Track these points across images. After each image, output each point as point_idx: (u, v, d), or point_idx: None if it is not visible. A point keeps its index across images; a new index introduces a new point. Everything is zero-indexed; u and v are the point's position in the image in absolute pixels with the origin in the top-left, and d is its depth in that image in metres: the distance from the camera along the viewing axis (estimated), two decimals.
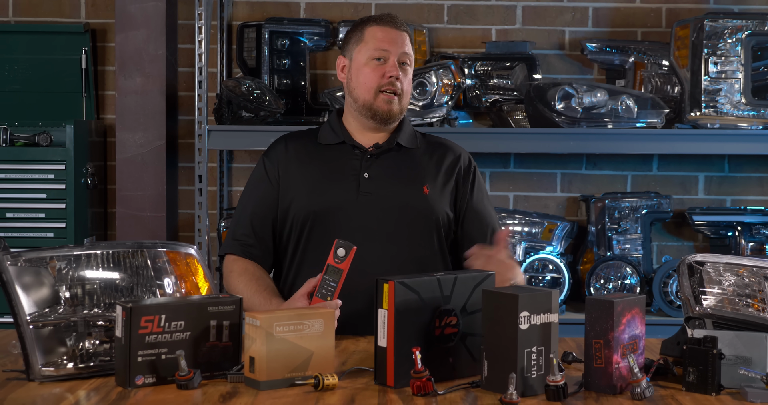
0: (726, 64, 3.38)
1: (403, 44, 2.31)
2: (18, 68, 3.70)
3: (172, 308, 1.67)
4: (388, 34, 2.30)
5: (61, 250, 1.75)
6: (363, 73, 2.30)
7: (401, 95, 2.30)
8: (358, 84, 2.31)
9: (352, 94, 2.33)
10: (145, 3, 3.46)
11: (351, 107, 2.35)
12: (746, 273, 1.79)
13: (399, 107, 2.31)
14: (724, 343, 1.66)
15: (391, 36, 2.30)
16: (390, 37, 2.30)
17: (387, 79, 2.28)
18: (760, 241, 3.52)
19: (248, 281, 2.26)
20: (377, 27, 2.32)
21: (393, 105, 2.29)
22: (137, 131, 3.50)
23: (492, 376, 1.63)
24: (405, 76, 2.31)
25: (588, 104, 3.38)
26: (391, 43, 2.30)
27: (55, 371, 1.69)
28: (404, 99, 2.32)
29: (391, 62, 2.29)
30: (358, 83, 2.31)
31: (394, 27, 2.32)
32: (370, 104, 2.30)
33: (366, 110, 2.31)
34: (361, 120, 2.33)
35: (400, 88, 2.29)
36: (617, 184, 3.76)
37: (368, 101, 2.30)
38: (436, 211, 2.30)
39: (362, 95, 2.30)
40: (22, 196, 3.41)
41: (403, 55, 2.31)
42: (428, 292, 1.69)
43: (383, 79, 2.28)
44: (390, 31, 2.31)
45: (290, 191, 2.32)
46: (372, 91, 2.29)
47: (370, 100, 2.29)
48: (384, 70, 2.28)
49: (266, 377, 1.64)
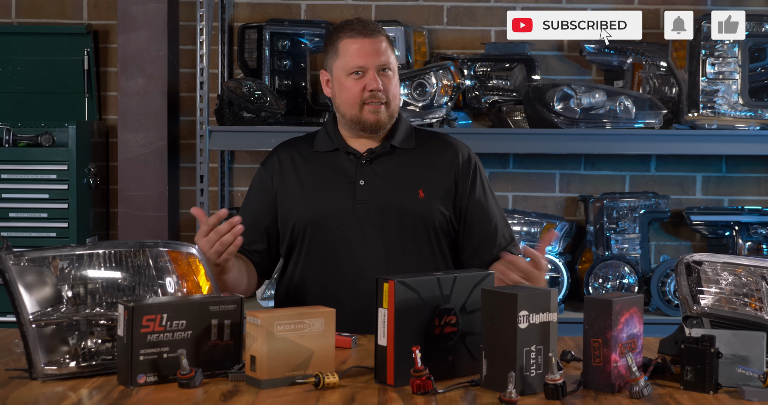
0: (723, 65, 3.39)
1: (379, 53, 2.25)
2: (21, 69, 3.71)
3: (173, 307, 1.68)
4: (362, 46, 2.25)
5: (63, 250, 1.75)
6: (345, 88, 2.26)
7: (387, 103, 2.27)
8: (342, 100, 2.28)
9: (339, 109, 2.31)
10: (147, 4, 3.47)
11: (341, 121, 2.34)
12: (744, 272, 1.79)
13: (387, 114, 2.28)
14: (721, 342, 1.66)
15: (365, 48, 2.25)
16: (364, 49, 2.25)
17: (368, 93, 2.24)
18: (758, 241, 3.53)
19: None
20: (349, 40, 2.26)
21: (380, 114, 2.26)
22: (139, 132, 3.51)
23: (491, 374, 1.64)
24: (389, 82, 2.26)
25: (586, 105, 3.39)
26: (366, 55, 2.24)
27: (57, 370, 1.69)
28: (391, 104, 2.28)
29: (369, 75, 2.24)
30: (342, 99, 2.28)
31: (366, 36, 2.26)
32: (357, 118, 2.27)
33: (354, 123, 2.28)
34: (352, 131, 2.32)
35: (384, 97, 2.25)
36: (615, 184, 3.77)
37: (355, 115, 2.27)
38: (432, 214, 2.28)
39: (348, 110, 2.28)
40: (24, 196, 3.42)
41: (381, 64, 2.25)
42: (428, 292, 1.70)
43: (365, 92, 2.25)
44: (363, 41, 2.25)
45: (287, 201, 2.32)
46: (356, 106, 2.26)
47: (356, 113, 2.26)
48: (364, 82, 2.24)
49: (267, 376, 1.65)
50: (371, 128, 2.28)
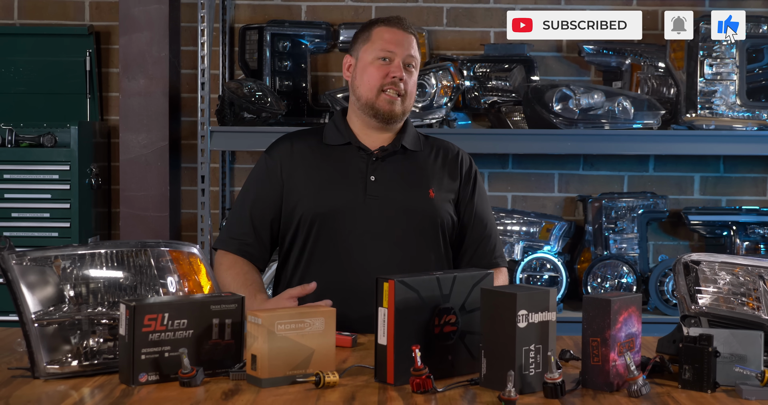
0: (721, 66, 3.40)
1: (410, 46, 2.32)
2: (23, 70, 3.72)
3: (175, 307, 1.69)
4: (395, 35, 2.31)
5: (65, 250, 1.76)
6: (367, 71, 2.30)
7: (404, 96, 2.30)
8: (362, 82, 2.31)
9: (356, 92, 2.33)
10: (149, 6, 3.48)
11: (354, 106, 2.35)
12: (741, 272, 1.79)
13: (401, 108, 2.31)
14: (719, 341, 1.67)
15: (398, 37, 2.31)
16: (397, 38, 2.31)
17: (390, 79, 2.28)
18: (755, 241, 3.53)
19: (236, 275, 2.26)
20: (385, 28, 2.33)
21: (395, 106, 2.29)
22: (141, 132, 3.52)
23: (491, 373, 1.64)
24: (410, 77, 2.31)
25: (585, 105, 3.40)
26: (397, 44, 2.30)
27: (59, 369, 1.70)
28: (407, 100, 2.32)
29: (396, 63, 2.29)
30: (362, 81, 2.31)
31: (402, 29, 2.33)
32: (372, 103, 2.29)
33: (368, 109, 2.30)
34: (364, 118, 2.33)
35: (403, 89, 2.29)
36: (614, 185, 3.77)
37: (371, 99, 2.29)
38: (441, 214, 2.30)
39: (365, 93, 2.30)
40: (27, 196, 3.43)
41: (409, 57, 2.31)
42: (427, 291, 1.71)
43: (387, 78, 2.28)
44: (397, 32, 2.32)
45: (296, 192, 2.30)
46: (375, 90, 2.29)
47: (372, 98, 2.29)
48: (388, 69, 2.29)
49: (268, 375, 1.65)
50: (384, 117, 2.30)
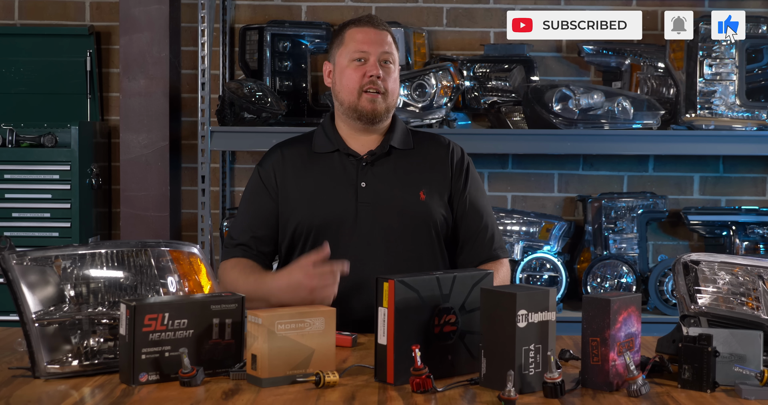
0: (721, 67, 3.41)
1: (383, 43, 2.30)
2: (24, 70, 3.72)
3: (175, 306, 1.69)
4: (367, 34, 2.30)
5: (66, 250, 1.76)
6: (345, 74, 2.29)
7: (385, 94, 2.29)
8: (341, 86, 2.30)
9: (338, 97, 2.33)
10: (149, 6, 3.49)
11: (339, 111, 2.35)
12: (741, 272, 1.80)
13: (384, 106, 2.29)
14: (718, 341, 1.67)
15: (370, 36, 2.30)
16: (369, 37, 2.30)
17: (368, 78, 2.26)
18: (755, 241, 3.54)
19: (241, 270, 2.26)
20: (356, 28, 2.32)
21: (377, 104, 2.28)
22: (141, 132, 3.52)
23: (490, 373, 1.65)
24: (388, 74, 2.29)
25: (585, 106, 3.41)
26: (371, 43, 2.29)
27: (60, 369, 1.70)
28: (389, 97, 2.30)
29: (371, 62, 2.28)
30: (341, 85, 2.30)
31: (373, 27, 2.31)
32: (354, 105, 2.28)
33: (351, 112, 2.29)
34: (350, 122, 2.32)
35: (382, 86, 2.28)
36: (614, 185, 3.78)
37: (353, 102, 2.28)
38: (433, 215, 2.30)
39: (346, 97, 2.29)
40: (27, 196, 3.44)
41: (384, 53, 2.29)
42: (427, 291, 1.71)
43: (364, 78, 2.27)
44: (369, 31, 2.30)
45: (289, 203, 2.31)
46: (355, 92, 2.28)
47: (354, 101, 2.28)
48: (365, 69, 2.27)
49: (268, 374, 1.66)
50: (367, 117, 2.29)
